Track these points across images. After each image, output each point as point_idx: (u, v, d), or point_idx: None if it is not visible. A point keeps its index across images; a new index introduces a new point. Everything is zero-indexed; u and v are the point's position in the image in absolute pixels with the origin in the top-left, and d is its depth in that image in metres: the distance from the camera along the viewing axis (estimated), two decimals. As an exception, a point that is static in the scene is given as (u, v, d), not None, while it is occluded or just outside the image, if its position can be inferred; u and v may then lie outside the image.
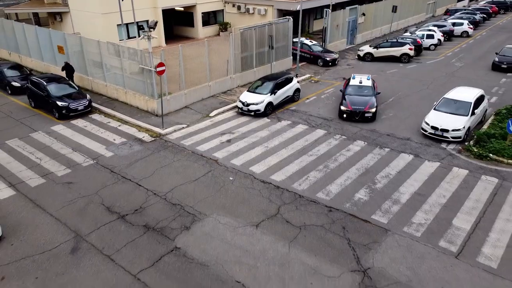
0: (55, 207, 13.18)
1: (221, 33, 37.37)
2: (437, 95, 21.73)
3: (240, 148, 16.96)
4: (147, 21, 32.11)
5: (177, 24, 38.84)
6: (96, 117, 20.41)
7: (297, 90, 22.33)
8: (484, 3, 54.93)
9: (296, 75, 25.54)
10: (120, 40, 29.40)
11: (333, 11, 31.64)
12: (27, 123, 19.70)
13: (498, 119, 18.57)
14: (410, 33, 35.17)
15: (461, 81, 24.56)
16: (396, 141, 17.50)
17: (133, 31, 30.64)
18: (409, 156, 16.19)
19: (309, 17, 39.62)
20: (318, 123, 19.41)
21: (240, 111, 20.54)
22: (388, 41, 30.84)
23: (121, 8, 25.42)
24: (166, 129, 18.62)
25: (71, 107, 19.78)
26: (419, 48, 31.30)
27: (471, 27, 38.91)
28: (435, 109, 18.11)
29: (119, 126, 19.32)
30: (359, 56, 31.03)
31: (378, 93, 20.41)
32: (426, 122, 17.60)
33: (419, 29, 36.21)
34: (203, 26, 37.44)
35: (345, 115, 19.43)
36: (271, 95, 20.24)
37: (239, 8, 37.05)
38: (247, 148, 16.95)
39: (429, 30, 34.67)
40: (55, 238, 11.73)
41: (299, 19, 25.92)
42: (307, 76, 26.71)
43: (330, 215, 12.62)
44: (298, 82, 22.85)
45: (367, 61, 30.37)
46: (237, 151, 16.70)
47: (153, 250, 11.20)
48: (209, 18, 38.05)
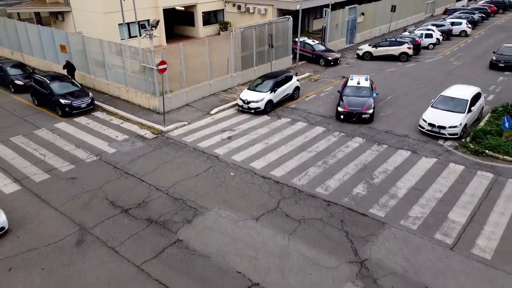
0: (59, 201, 13.47)
1: (222, 33, 37.67)
2: (435, 93, 21.95)
3: (240, 144, 17.25)
4: (148, 20, 32.44)
5: (177, 23, 39.14)
6: (99, 114, 20.70)
7: (297, 88, 22.62)
8: (483, 2, 55.19)
9: (296, 73, 25.82)
10: (122, 39, 29.66)
11: (332, 10, 31.92)
12: (30, 120, 19.99)
13: (494, 116, 18.85)
14: (409, 32, 35.46)
15: (459, 80, 24.81)
16: (394, 138, 17.78)
17: (134, 30, 30.96)
18: (407, 152, 16.47)
19: (308, 17, 39.92)
20: (317, 120, 19.69)
21: (240, 108, 20.83)
22: (387, 40, 31.10)
23: (123, 8, 25.71)
24: (167, 126, 18.91)
25: (74, 105, 20.07)
26: (418, 47, 31.59)
27: (470, 26, 39.19)
28: (432, 106, 18.39)
29: (121, 123, 19.61)
30: (358, 55, 31.33)
31: (376, 94, 20.38)
32: (423, 119, 17.87)
33: (418, 29, 36.49)
34: (203, 25, 37.75)
35: (342, 116, 19.30)
36: (271, 93, 20.53)
37: (239, 7, 37.34)
38: (247, 144, 17.24)
39: (428, 29, 34.93)
40: (60, 231, 12.02)
41: (299, 18, 26.21)
42: (306, 74, 26.99)
43: (328, 209, 12.91)
44: (297, 81, 23.13)
45: (366, 60, 30.66)
46: (238, 147, 16.99)
47: (156, 243, 11.48)
48: (209, 18, 38.37)
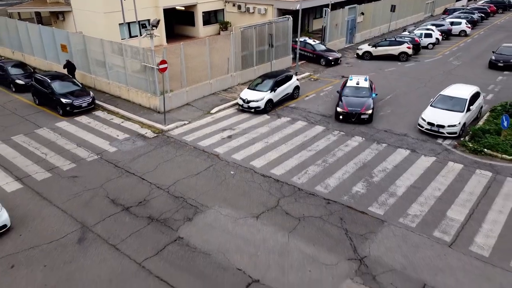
0: (61, 199, 13.57)
1: (222, 32, 37.77)
2: (435, 92, 22.00)
3: (240, 143, 17.35)
4: (148, 20, 32.51)
5: (178, 23, 39.22)
6: (100, 114, 20.80)
7: (297, 88, 22.72)
8: (483, 2, 55.26)
9: (296, 73, 25.91)
10: (122, 39, 29.74)
11: (332, 10, 31.99)
12: (31, 119, 20.09)
13: (493, 115, 18.96)
14: (409, 32, 35.55)
15: (458, 79, 24.87)
16: (393, 137, 17.88)
17: (134, 30, 31.06)
18: (406, 151, 16.57)
19: (308, 16, 40.02)
20: (317, 119, 19.79)
21: (240, 108, 20.93)
22: (387, 40, 31.20)
23: (123, 7, 25.79)
24: (168, 125, 19.01)
25: (75, 104, 20.17)
26: (417, 47, 31.67)
27: (469, 26, 39.27)
28: (431, 105, 18.49)
29: (122, 122, 19.71)
30: (358, 55, 31.42)
31: (375, 95, 20.43)
32: (422, 118, 17.97)
33: (417, 28, 36.59)
34: (203, 25, 37.85)
35: (341, 117, 19.28)
36: (271, 92, 20.63)
37: (239, 7, 37.44)
38: (247, 143, 17.34)
39: (427, 29, 35.03)
40: (62, 229, 12.12)
41: (299, 18, 26.31)
42: (306, 74, 27.09)
43: (328, 207, 13.01)
44: (297, 80, 23.23)
45: (366, 59, 30.75)
46: (238, 146, 17.09)
47: (157, 240, 11.59)
48: (209, 17, 38.47)
